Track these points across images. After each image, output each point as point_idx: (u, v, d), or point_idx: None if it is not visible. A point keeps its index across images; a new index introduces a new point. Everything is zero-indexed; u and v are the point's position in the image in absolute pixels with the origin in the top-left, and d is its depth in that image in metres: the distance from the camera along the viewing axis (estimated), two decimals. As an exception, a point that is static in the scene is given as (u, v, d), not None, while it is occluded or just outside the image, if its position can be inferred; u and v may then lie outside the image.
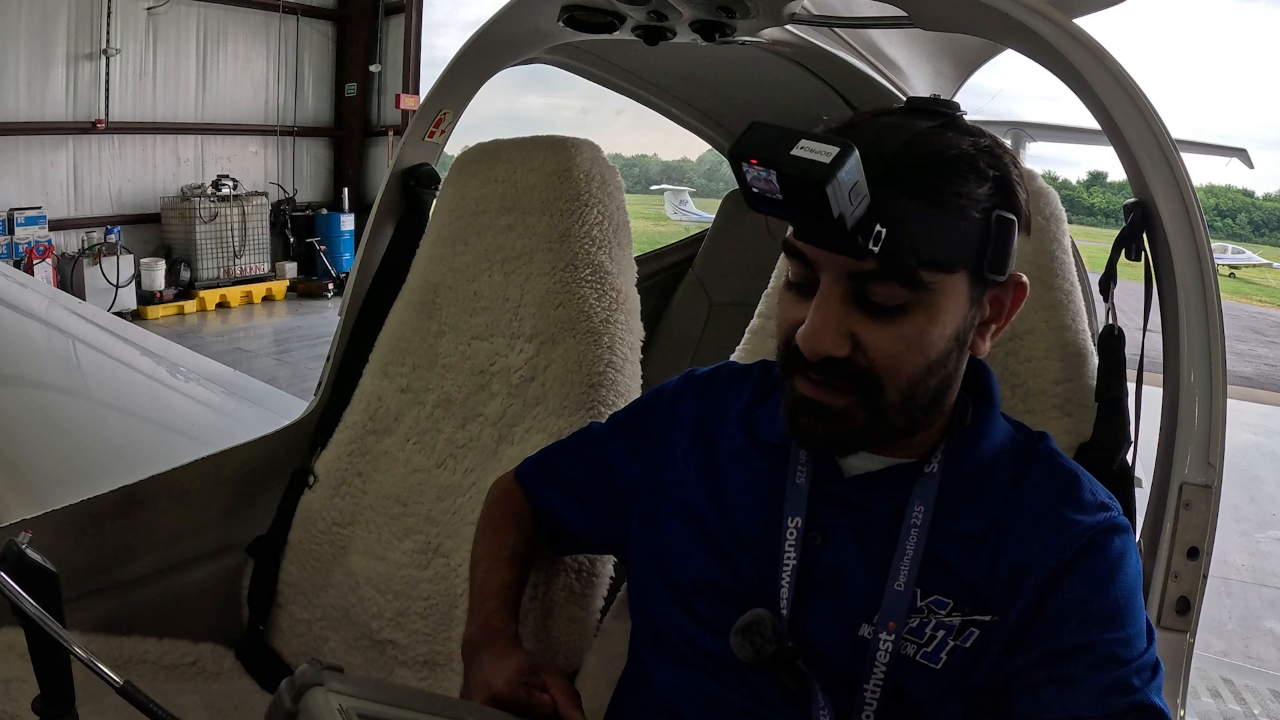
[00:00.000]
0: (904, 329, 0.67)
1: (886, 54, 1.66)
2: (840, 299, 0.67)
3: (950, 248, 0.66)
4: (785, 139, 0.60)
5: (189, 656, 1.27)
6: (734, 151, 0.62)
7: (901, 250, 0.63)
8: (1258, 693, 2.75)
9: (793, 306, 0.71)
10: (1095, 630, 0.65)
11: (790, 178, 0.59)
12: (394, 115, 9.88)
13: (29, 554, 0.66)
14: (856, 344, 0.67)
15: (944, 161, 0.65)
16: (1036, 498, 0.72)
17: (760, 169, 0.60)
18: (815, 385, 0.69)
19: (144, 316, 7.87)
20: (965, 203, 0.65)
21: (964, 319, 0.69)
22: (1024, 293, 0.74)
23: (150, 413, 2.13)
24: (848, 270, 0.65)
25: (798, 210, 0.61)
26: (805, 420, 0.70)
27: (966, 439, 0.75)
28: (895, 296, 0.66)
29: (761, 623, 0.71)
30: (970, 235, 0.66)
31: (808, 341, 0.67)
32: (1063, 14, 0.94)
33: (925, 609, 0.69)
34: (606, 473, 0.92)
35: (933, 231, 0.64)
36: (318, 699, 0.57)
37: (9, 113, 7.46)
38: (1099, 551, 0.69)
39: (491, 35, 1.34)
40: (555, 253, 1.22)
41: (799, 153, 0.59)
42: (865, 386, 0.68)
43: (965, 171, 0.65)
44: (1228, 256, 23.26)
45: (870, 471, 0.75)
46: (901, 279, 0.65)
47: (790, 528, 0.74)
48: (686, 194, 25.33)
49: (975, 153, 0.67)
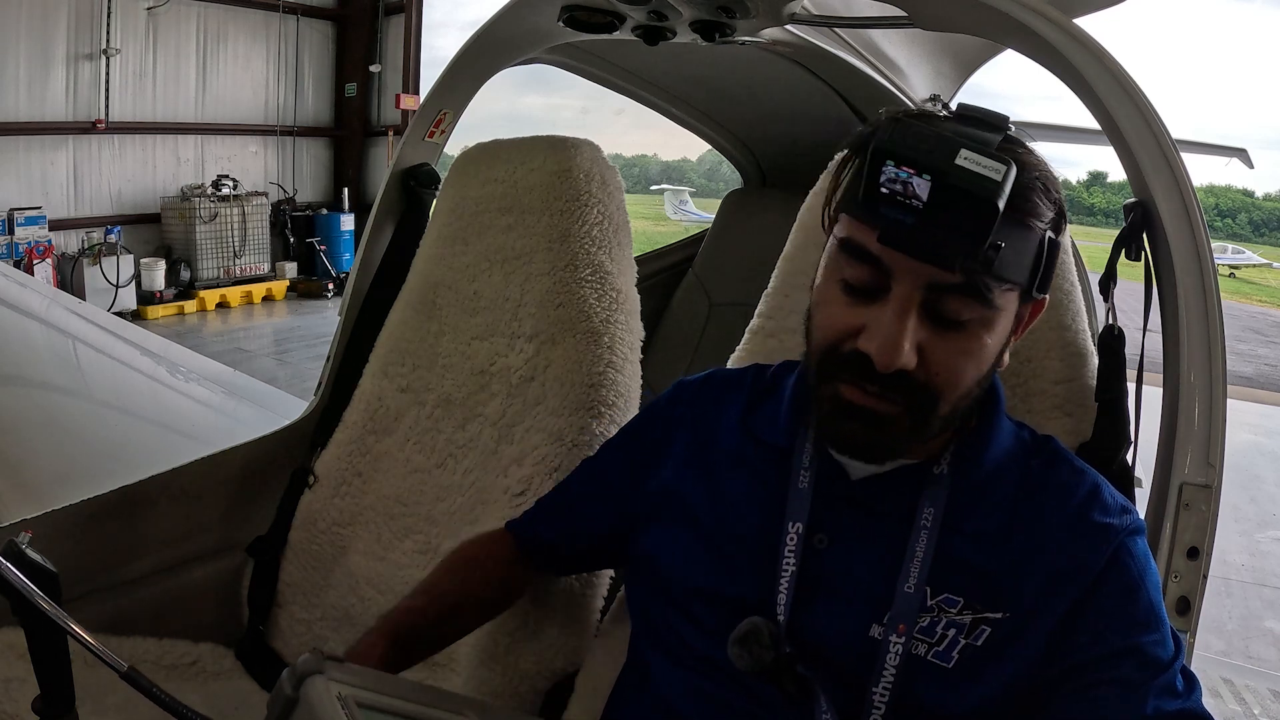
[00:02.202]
0: (966, 343, 0.66)
1: (886, 54, 1.66)
2: (917, 310, 0.65)
3: (1019, 267, 0.66)
4: (947, 147, 0.58)
5: (189, 656, 1.27)
6: (881, 149, 0.60)
7: (986, 266, 0.63)
8: (1258, 693, 2.76)
9: (846, 310, 0.68)
10: (1137, 632, 0.66)
11: (954, 189, 0.58)
12: (394, 115, 9.87)
13: (29, 554, 0.66)
14: (921, 357, 0.66)
15: (1028, 181, 0.65)
16: (1060, 500, 0.72)
17: (906, 171, 0.58)
18: (868, 394, 0.67)
19: (144, 316, 7.86)
20: (1039, 224, 0.66)
21: (1009, 335, 0.70)
22: (1042, 309, 0.74)
23: (150, 413, 2.13)
24: (928, 281, 0.64)
25: (940, 219, 0.59)
26: (850, 426, 0.69)
27: (974, 440, 0.75)
28: (969, 311, 0.65)
29: (758, 631, 0.70)
30: (1032, 255, 0.66)
31: (885, 355, 0.64)
32: (1063, 14, 0.94)
33: (935, 607, 0.69)
34: (604, 490, 0.92)
35: (1011, 250, 0.64)
36: (317, 687, 0.58)
37: (9, 113, 7.45)
38: (1130, 554, 0.70)
39: (491, 35, 1.34)
40: (555, 253, 1.22)
41: (965, 164, 0.57)
42: (921, 398, 0.67)
43: (1041, 193, 0.66)
44: (1228, 256, 23.27)
45: (879, 473, 0.74)
46: (979, 295, 0.64)
47: (791, 533, 0.74)
48: (686, 194, 25.33)
49: (1045, 176, 0.67)
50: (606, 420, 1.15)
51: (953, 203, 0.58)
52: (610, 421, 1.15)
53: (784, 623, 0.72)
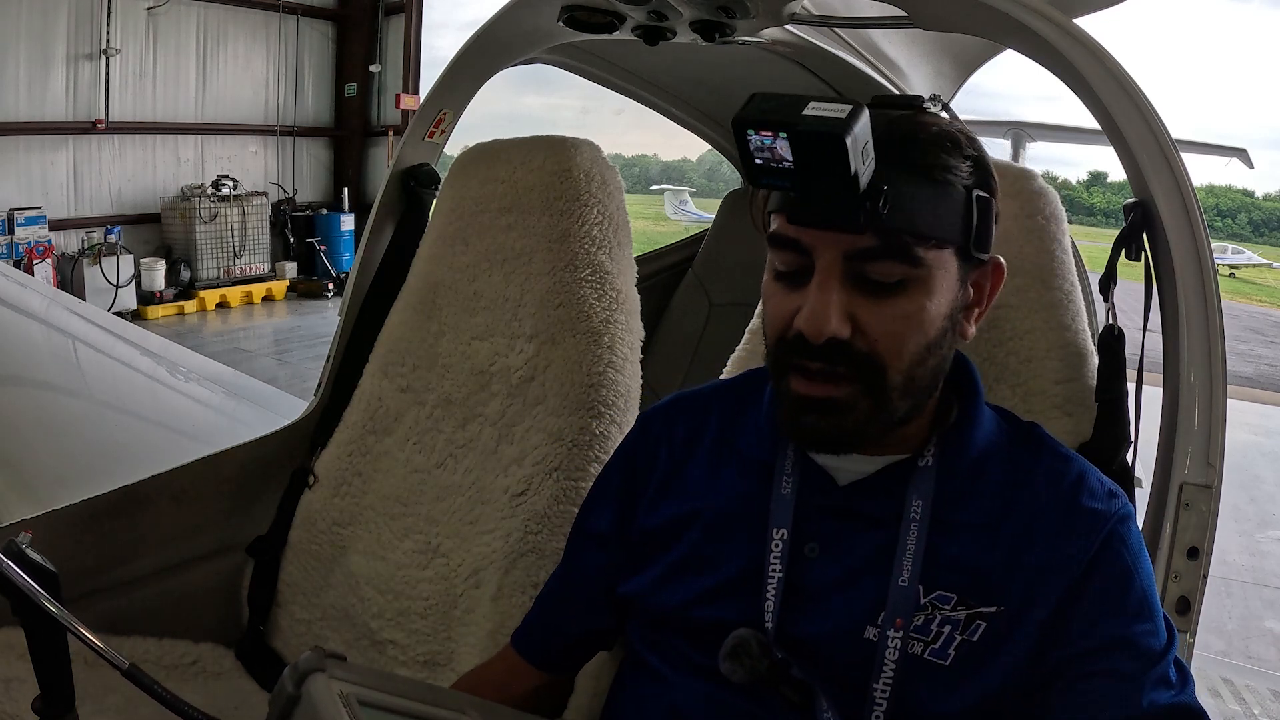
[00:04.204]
0: (903, 307, 0.67)
1: (886, 54, 1.66)
2: (839, 280, 0.66)
3: (941, 222, 0.66)
4: (795, 103, 0.60)
5: (189, 656, 1.27)
6: (739, 119, 0.61)
7: (898, 225, 0.64)
8: (1258, 693, 2.75)
9: (784, 298, 0.70)
10: (1130, 623, 0.66)
11: (806, 135, 0.59)
12: (394, 115, 9.88)
13: (29, 554, 0.66)
14: (857, 326, 0.67)
15: (929, 138, 0.67)
16: (1048, 488, 0.72)
17: (767, 136, 0.60)
18: (814, 379, 0.68)
19: (144, 316, 7.87)
20: (952, 177, 0.67)
21: (955, 298, 0.70)
22: (1002, 275, 0.74)
23: (150, 413, 2.13)
24: (845, 251, 0.66)
25: (810, 173, 0.61)
26: (808, 419, 0.69)
27: (958, 430, 0.74)
28: (894, 273, 0.66)
29: (746, 643, 0.70)
30: (957, 211, 0.67)
31: (811, 324, 0.66)
32: (1063, 14, 0.94)
33: (929, 605, 0.69)
34: (598, 551, 0.87)
35: (926, 205, 0.65)
36: (319, 685, 0.58)
37: (9, 113, 7.46)
38: (1122, 541, 0.69)
39: (491, 35, 1.34)
40: (555, 253, 1.22)
41: (812, 112, 0.59)
42: (868, 370, 0.67)
43: (949, 147, 0.67)
44: (1228, 256, 23.26)
45: (865, 476, 0.74)
46: (900, 255, 0.65)
47: (775, 539, 0.73)
48: (686, 194, 25.33)
49: (954, 131, 0.68)
50: (606, 420, 1.15)
51: (814, 154, 0.59)
52: (610, 421, 1.15)
53: (772, 630, 0.71)
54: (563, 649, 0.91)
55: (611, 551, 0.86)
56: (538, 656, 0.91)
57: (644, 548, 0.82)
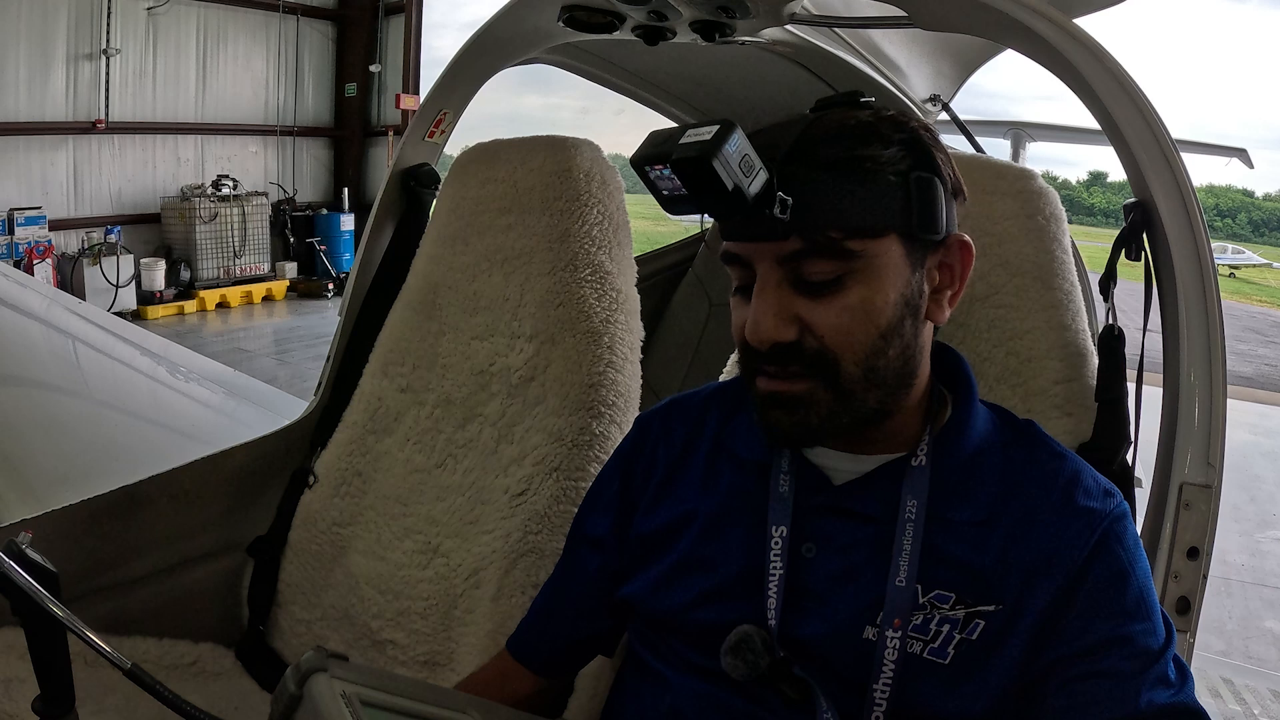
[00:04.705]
0: (845, 301, 0.67)
1: (886, 54, 1.66)
2: (777, 285, 0.68)
3: (868, 212, 0.66)
4: (673, 135, 0.64)
5: (189, 656, 1.27)
6: (636, 159, 0.65)
7: (821, 222, 0.65)
8: (1258, 693, 2.75)
9: (741, 309, 0.72)
10: (1127, 622, 0.66)
11: (680, 163, 0.62)
12: (394, 115, 9.88)
13: (29, 554, 0.66)
14: (804, 326, 0.68)
15: (844, 130, 0.68)
16: (1043, 484, 0.72)
17: (660, 169, 0.63)
18: (774, 378, 0.70)
19: (144, 316, 7.87)
20: (873, 166, 0.67)
21: (908, 284, 0.69)
22: (970, 252, 0.73)
23: (150, 413, 2.13)
24: (778, 256, 0.67)
25: (701, 195, 0.63)
26: (774, 414, 0.71)
27: (951, 428, 0.74)
28: (827, 271, 0.67)
29: (749, 639, 0.70)
30: (889, 198, 0.67)
31: (754, 332, 0.68)
32: (1063, 14, 0.94)
33: (928, 604, 0.69)
34: (595, 555, 0.87)
35: (846, 198, 0.66)
36: (321, 684, 0.58)
37: (9, 113, 7.46)
38: (1118, 539, 0.69)
39: (491, 35, 1.34)
40: (555, 253, 1.22)
41: (686, 139, 0.62)
42: (821, 367, 0.68)
43: (867, 137, 0.67)
44: (1228, 256, 23.29)
45: (859, 475, 0.74)
46: (828, 252, 0.66)
47: (775, 537, 0.73)
48: (686, 194, 25.26)
49: (875, 120, 0.69)
50: (606, 420, 1.15)
51: (693, 178, 0.62)
52: (610, 421, 1.15)
53: (775, 628, 0.71)
54: (559, 653, 0.91)
55: (608, 556, 0.86)
56: (534, 661, 0.91)
57: (643, 550, 0.82)
